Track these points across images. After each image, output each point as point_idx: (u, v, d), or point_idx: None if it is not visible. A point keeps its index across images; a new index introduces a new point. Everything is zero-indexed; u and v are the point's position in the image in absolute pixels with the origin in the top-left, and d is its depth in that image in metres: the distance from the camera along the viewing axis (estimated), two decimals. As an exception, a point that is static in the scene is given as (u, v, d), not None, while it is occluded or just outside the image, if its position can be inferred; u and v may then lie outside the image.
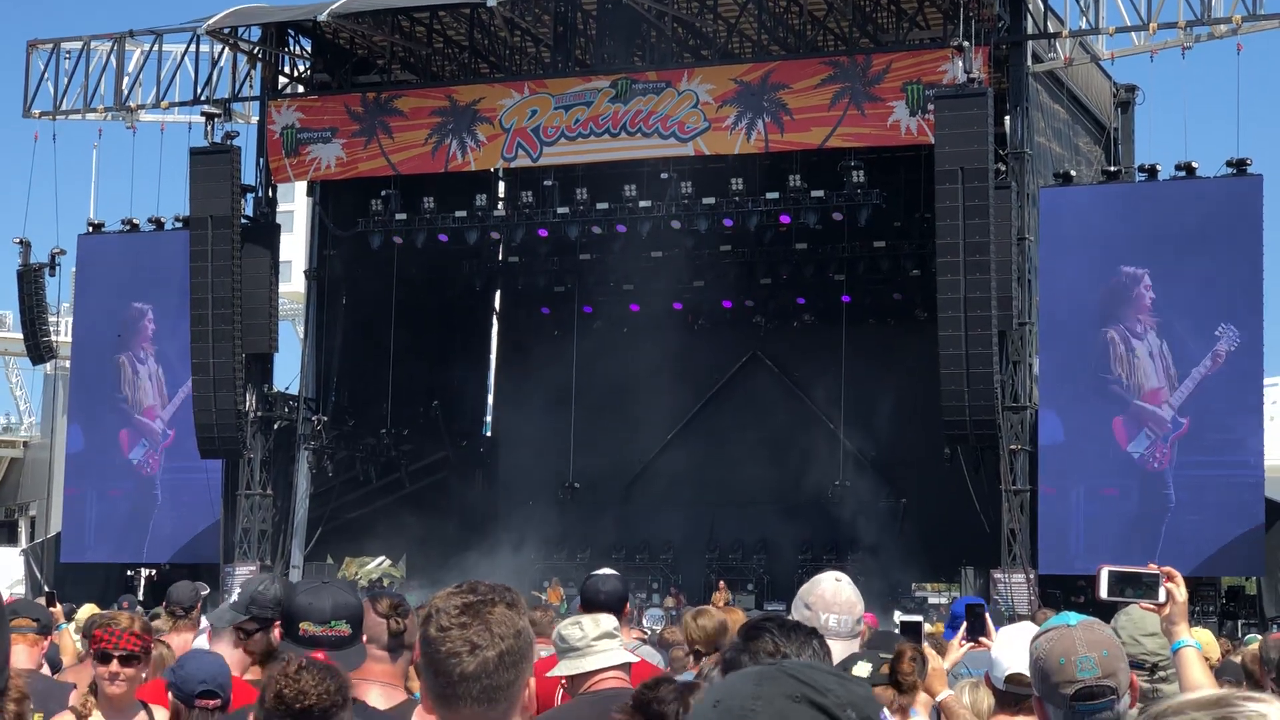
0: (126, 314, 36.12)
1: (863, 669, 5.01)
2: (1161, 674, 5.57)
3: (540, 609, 10.50)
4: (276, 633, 5.98)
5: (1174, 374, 29.67)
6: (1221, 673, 9.15)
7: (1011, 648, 5.21)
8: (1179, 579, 4.90)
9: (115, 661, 6.45)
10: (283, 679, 4.34)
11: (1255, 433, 29.29)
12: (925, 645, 6.61)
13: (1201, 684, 4.82)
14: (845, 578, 5.51)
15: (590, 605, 7.01)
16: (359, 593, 5.96)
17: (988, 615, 7.01)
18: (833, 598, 5.33)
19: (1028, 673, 4.60)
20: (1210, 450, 29.24)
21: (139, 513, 35.83)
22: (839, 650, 5.10)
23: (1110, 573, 4.85)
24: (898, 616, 6.62)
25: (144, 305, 36.09)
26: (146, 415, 36.44)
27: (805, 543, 34.96)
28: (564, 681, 6.34)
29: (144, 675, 6.62)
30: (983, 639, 6.87)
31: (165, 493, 36.03)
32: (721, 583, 32.16)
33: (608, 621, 6.72)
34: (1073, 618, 4.11)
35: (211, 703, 5.59)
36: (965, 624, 7.06)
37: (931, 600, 34.25)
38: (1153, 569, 4.87)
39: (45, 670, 7.28)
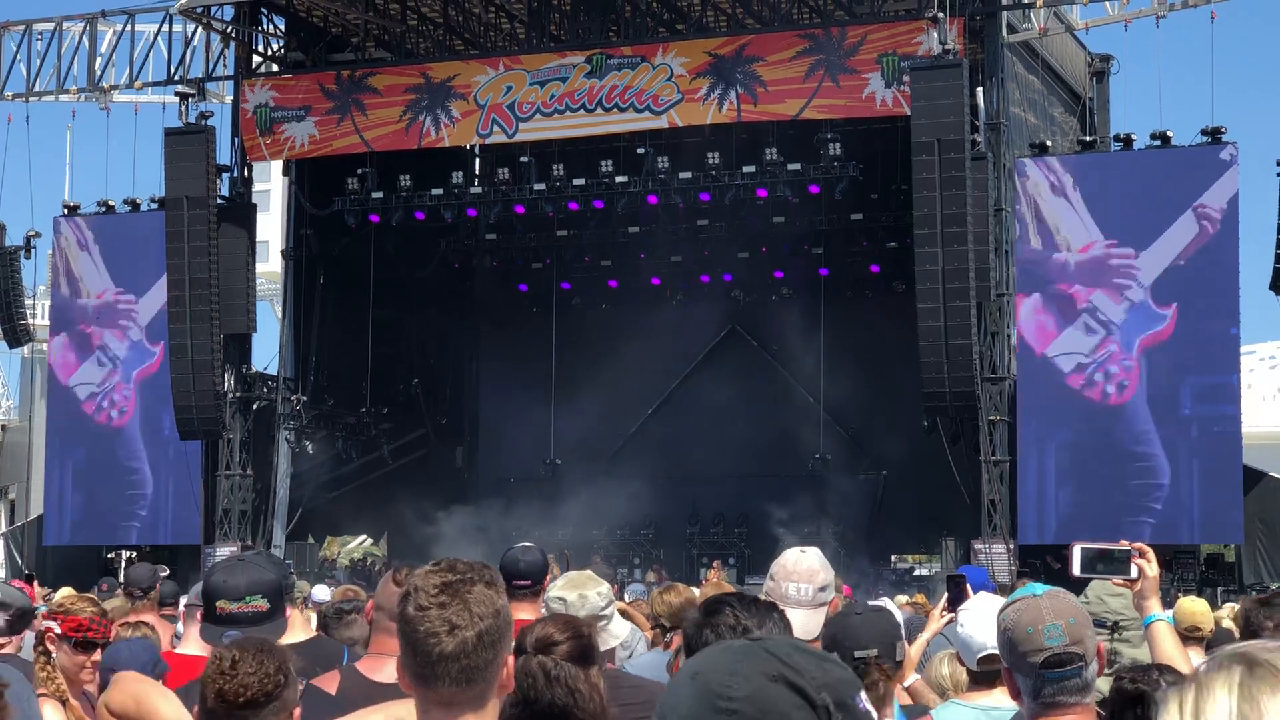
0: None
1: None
2: (1121, 634, 5.62)
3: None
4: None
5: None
6: (1215, 642, 9.18)
7: (980, 627, 5.23)
8: (1150, 555, 4.95)
9: (98, 650, 6.43)
10: (220, 677, 4.18)
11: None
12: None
13: (1174, 657, 4.87)
14: (812, 550, 5.52)
15: (510, 576, 6.97)
16: (307, 567, 5.98)
17: (969, 586, 7.02)
18: (794, 566, 5.35)
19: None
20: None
21: (114, 493, 34.82)
22: (800, 618, 5.10)
23: (1083, 549, 4.91)
24: (869, 603, 6.61)
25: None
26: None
27: (786, 516, 34.99)
28: None
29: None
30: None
31: (160, 470, 34.53)
32: (716, 562, 32.22)
33: (595, 598, 6.63)
34: (1039, 588, 4.14)
35: None
36: (946, 594, 7.08)
37: (917, 571, 34.44)
38: (1124, 545, 4.91)
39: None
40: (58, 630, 6.32)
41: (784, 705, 2.10)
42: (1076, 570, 4.91)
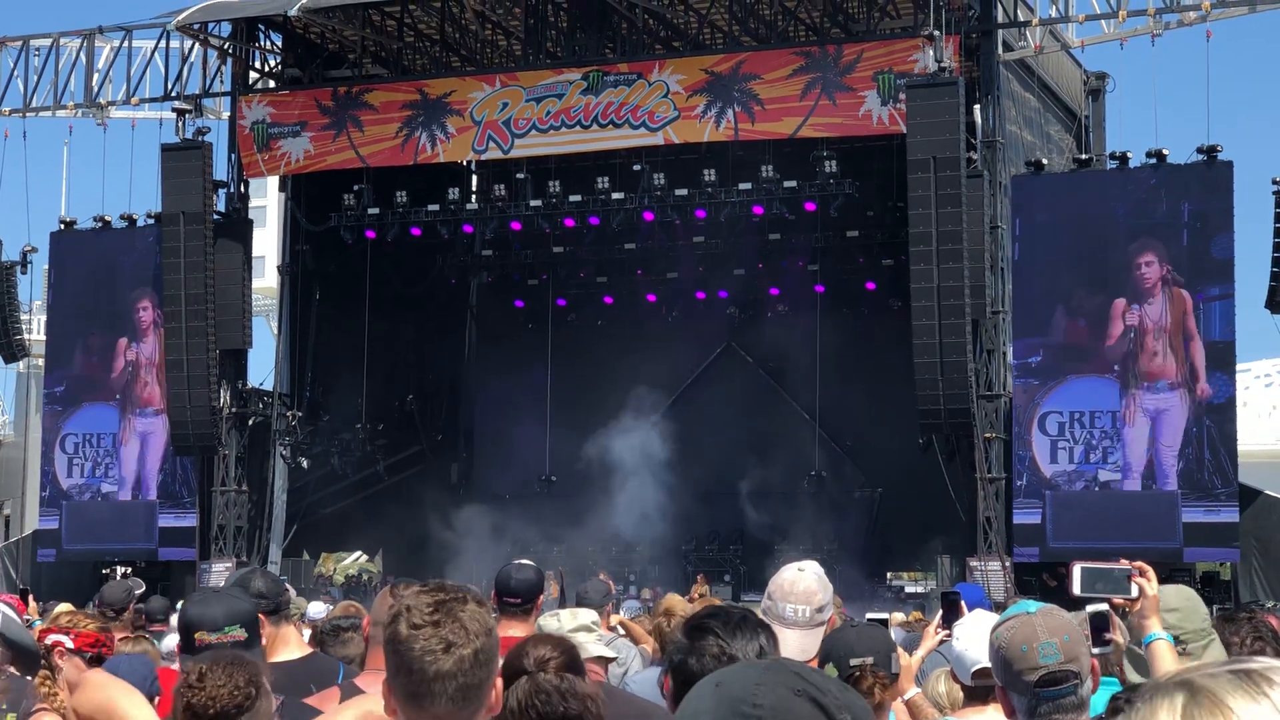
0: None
1: (829, 671, 5.02)
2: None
3: None
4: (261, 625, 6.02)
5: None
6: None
7: (974, 642, 5.22)
8: (1150, 574, 4.95)
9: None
10: (188, 690, 4.27)
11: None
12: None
13: (1173, 676, 4.85)
14: (810, 567, 5.48)
15: (502, 593, 7.02)
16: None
17: (964, 604, 7.01)
18: (790, 587, 5.32)
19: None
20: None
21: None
22: (797, 638, 5.09)
23: (1083, 569, 4.91)
24: (866, 616, 6.64)
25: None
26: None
27: (781, 533, 34.97)
28: None
29: None
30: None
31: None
32: (700, 576, 32.15)
33: (585, 615, 6.75)
34: (1031, 605, 4.13)
35: None
36: (941, 612, 7.07)
37: (909, 589, 34.39)
38: (1124, 564, 4.92)
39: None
40: (69, 644, 6.30)
41: (806, 718, 2.15)
42: (1077, 589, 4.91)
